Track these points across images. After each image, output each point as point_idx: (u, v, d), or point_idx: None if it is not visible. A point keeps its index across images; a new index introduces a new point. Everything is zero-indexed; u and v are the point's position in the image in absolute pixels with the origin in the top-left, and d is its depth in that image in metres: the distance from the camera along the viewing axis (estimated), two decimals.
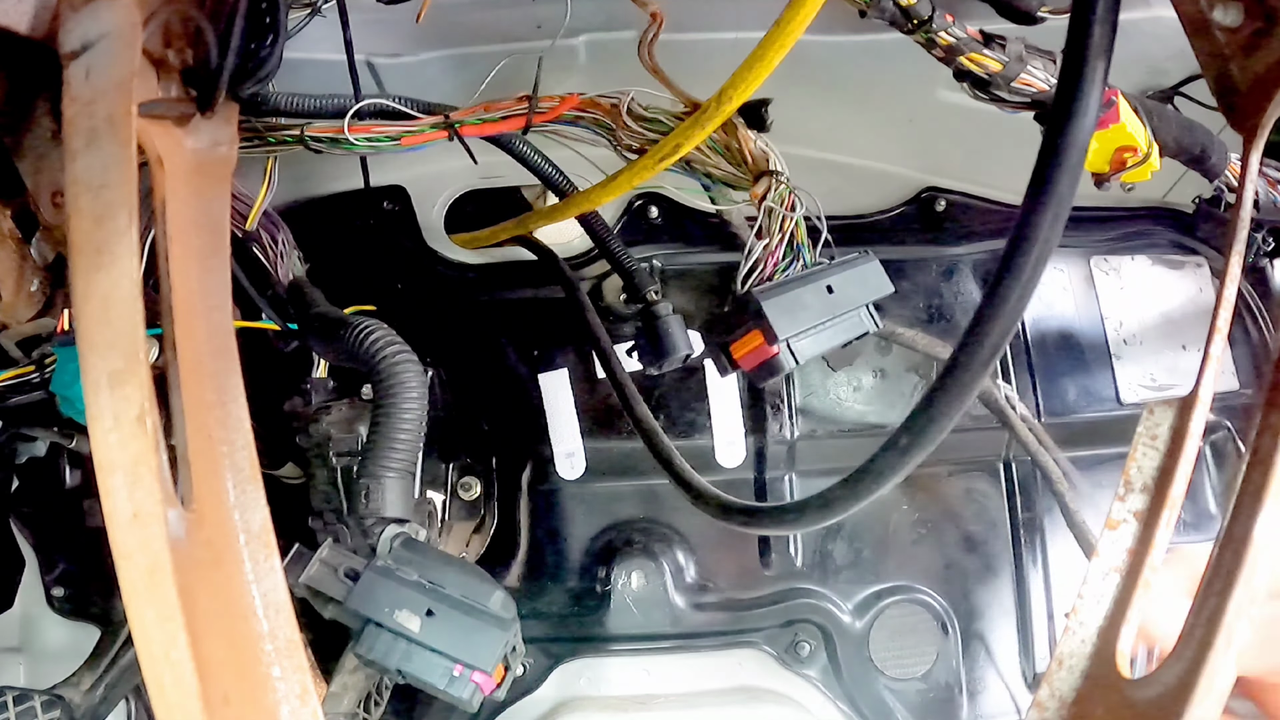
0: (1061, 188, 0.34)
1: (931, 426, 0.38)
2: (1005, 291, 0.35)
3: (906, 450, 0.39)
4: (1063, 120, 0.34)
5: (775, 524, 0.55)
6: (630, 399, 0.74)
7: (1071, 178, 0.34)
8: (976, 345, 0.36)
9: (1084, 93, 0.34)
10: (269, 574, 0.42)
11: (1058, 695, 0.36)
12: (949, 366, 0.37)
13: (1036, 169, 0.35)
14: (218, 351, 0.48)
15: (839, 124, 0.89)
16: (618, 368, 0.77)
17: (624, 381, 0.75)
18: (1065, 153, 0.34)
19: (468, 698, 0.64)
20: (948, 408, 0.37)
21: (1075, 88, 0.34)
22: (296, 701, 0.39)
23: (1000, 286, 0.35)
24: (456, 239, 0.99)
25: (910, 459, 0.40)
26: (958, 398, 0.37)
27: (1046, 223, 0.34)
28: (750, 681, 0.96)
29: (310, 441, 0.83)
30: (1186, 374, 1.06)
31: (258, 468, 0.45)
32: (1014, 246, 0.35)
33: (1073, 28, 0.35)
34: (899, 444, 0.40)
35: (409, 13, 0.65)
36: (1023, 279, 0.35)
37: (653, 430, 0.70)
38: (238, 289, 0.76)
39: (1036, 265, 0.35)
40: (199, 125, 0.55)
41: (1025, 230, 0.34)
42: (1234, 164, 0.69)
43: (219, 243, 0.52)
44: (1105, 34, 0.34)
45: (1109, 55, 0.35)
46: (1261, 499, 0.32)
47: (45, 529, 0.97)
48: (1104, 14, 0.34)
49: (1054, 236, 0.34)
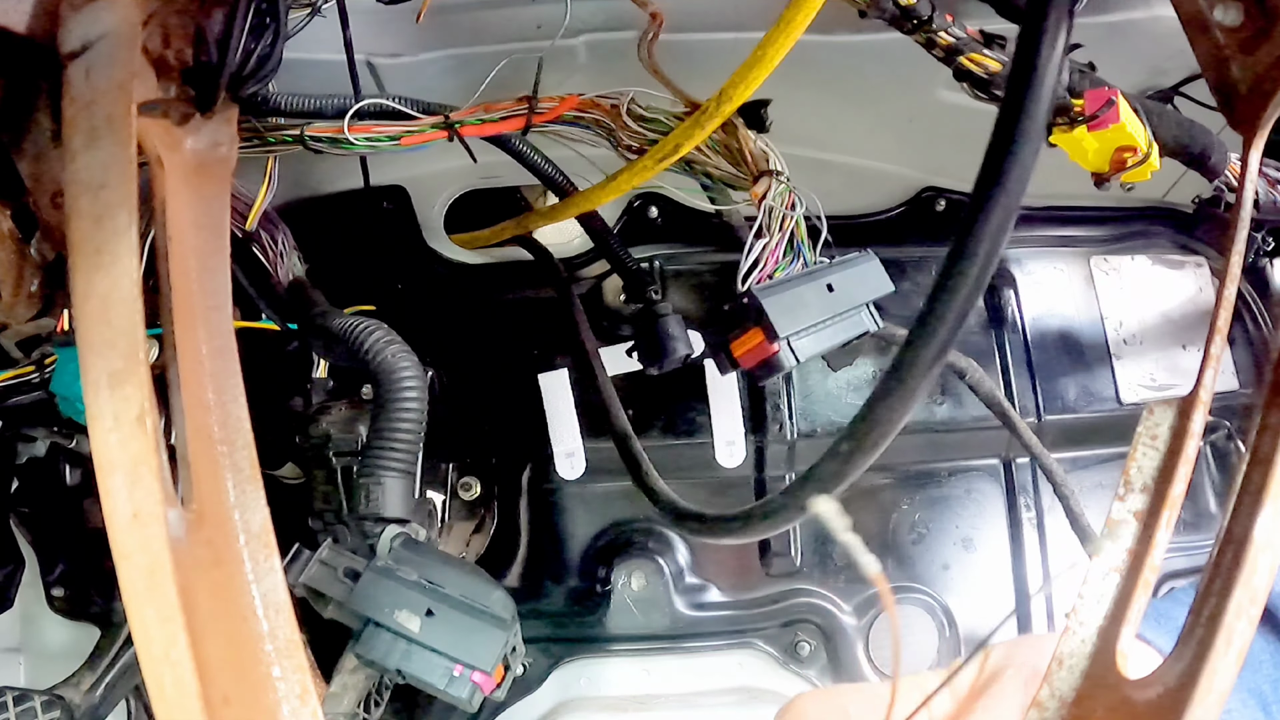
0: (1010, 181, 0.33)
1: (874, 432, 0.37)
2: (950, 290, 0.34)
3: (849, 457, 0.38)
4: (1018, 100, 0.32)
5: (722, 533, 0.54)
6: (609, 404, 0.75)
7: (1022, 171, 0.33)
8: (919, 349, 0.34)
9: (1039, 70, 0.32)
10: (269, 574, 0.42)
11: (1058, 695, 0.36)
12: (891, 369, 0.35)
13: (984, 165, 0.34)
14: (218, 351, 0.48)
15: (839, 124, 0.89)
16: (600, 374, 0.78)
17: (604, 387, 0.77)
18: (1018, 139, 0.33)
19: (467, 698, 0.64)
20: (891, 412, 0.36)
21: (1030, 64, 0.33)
22: (296, 701, 0.39)
23: (945, 284, 0.34)
24: (456, 239, 0.99)
25: (853, 466, 0.38)
26: (901, 402, 0.35)
27: (996, 215, 0.33)
28: (750, 682, 0.96)
29: (310, 441, 0.83)
30: (1186, 374, 1.06)
31: (258, 468, 0.45)
32: (962, 238, 0.34)
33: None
34: (840, 451, 0.38)
35: (409, 13, 0.65)
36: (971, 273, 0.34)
37: (626, 435, 0.71)
38: (238, 289, 0.76)
39: (988, 259, 0.33)
40: (199, 125, 0.55)
41: (975, 216, 0.33)
42: (1234, 164, 0.69)
43: (219, 243, 0.52)
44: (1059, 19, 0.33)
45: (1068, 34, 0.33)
46: (1261, 499, 0.32)
47: (45, 529, 0.97)
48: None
49: (1004, 231, 0.33)
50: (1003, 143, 0.33)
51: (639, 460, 0.69)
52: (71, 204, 0.40)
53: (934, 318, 0.34)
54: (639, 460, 0.69)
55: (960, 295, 0.34)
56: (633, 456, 0.70)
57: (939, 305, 0.34)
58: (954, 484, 1.02)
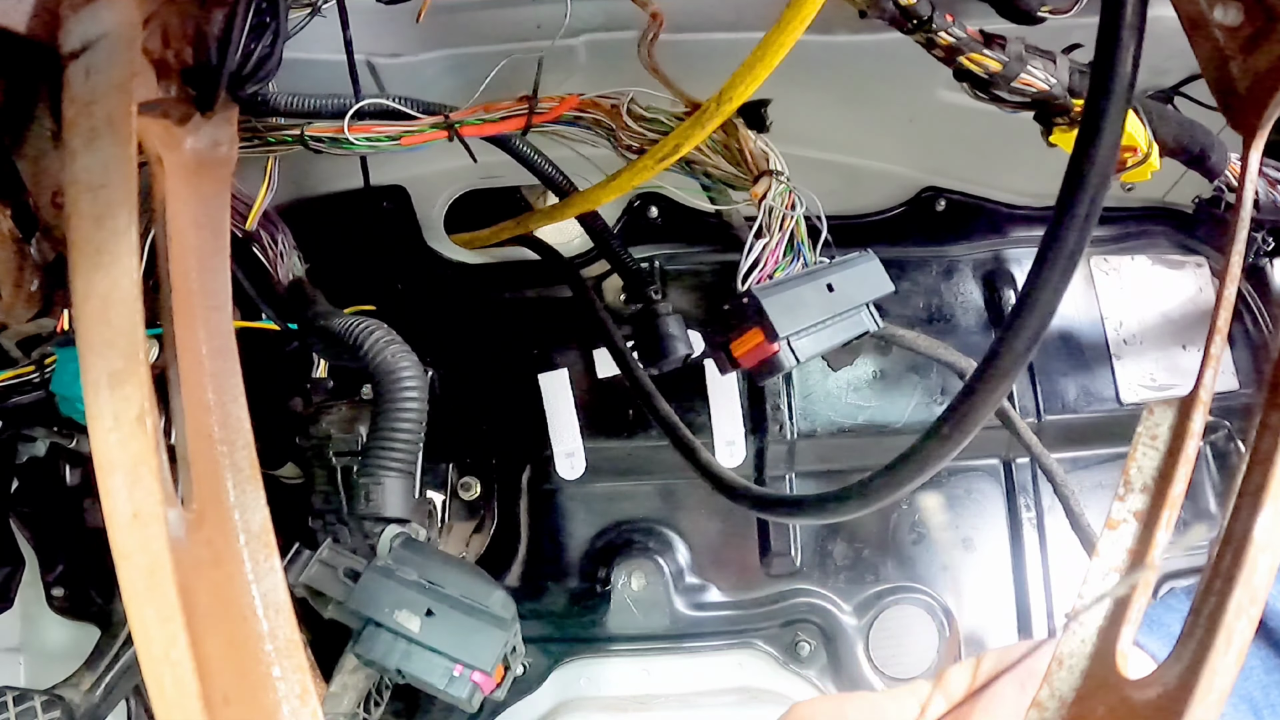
0: (1096, 177, 0.37)
1: (973, 414, 0.40)
2: (1046, 278, 0.37)
3: (949, 438, 0.41)
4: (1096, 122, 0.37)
5: (818, 513, 0.55)
6: (649, 395, 0.74)
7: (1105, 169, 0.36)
8: (1018, 332, 0.38)
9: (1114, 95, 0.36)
10: (269, 574, 0.42)
11: (1058, 695, 0.36)
12: (991, 353, 0.39)
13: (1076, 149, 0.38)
14: (218, 351, 0.48)
15: (839, 124, 0.89)
16: (633, 364, 0.77)
17: (640, 377, 0.75)
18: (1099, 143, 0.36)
19: (467, 697, 0.64)
20: (988, 394, 0.39)
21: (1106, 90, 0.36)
22: (296, 701, 0.39)
23: (1040, 274, 0.37)
24: (456, 239, 0.99)
25: (953, 446, 0.41)
26: (998, 384, 0.39)
27: (1083, 210, 0.37)
28: (750, 682, 0.96)
29: (310, 441, 0.83)
30: (1186, 374, 1.06)
31: (258, 468, 0.45)
32: (1050, 241, 0.37)
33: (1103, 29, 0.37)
34: (941, 432, 0.41)
35: (409, 13, 0.65)
36: (1059, 268, 0.37)
37: (674, 425, 0.70)
38: (238, 289, 0.76)
39: (1072, 256, 0.37)
40: (199, 125, 0.54)
41: (1064, 219, 0.37)
42: (1234, 164, 0.69)
43: (219, 243, 0.52)
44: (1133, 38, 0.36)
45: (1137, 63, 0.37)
46: (1261, 499, 0.32)
47: (45, 529, 0.97)
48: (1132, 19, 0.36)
49: (1089, 226, 0.37)
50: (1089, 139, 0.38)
51: (694, 448, 0.69)
52: (71, 204, 0.40)
53: (1032, 301, 0.38)
54: (694, 448, 0.69)
55: (1054, 279, 0.38)
56: (686, 444, 0.69)
57: (1038, 287, 0.38)
58: (954, 484, 1.02)
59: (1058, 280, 0.38)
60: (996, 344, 0.39)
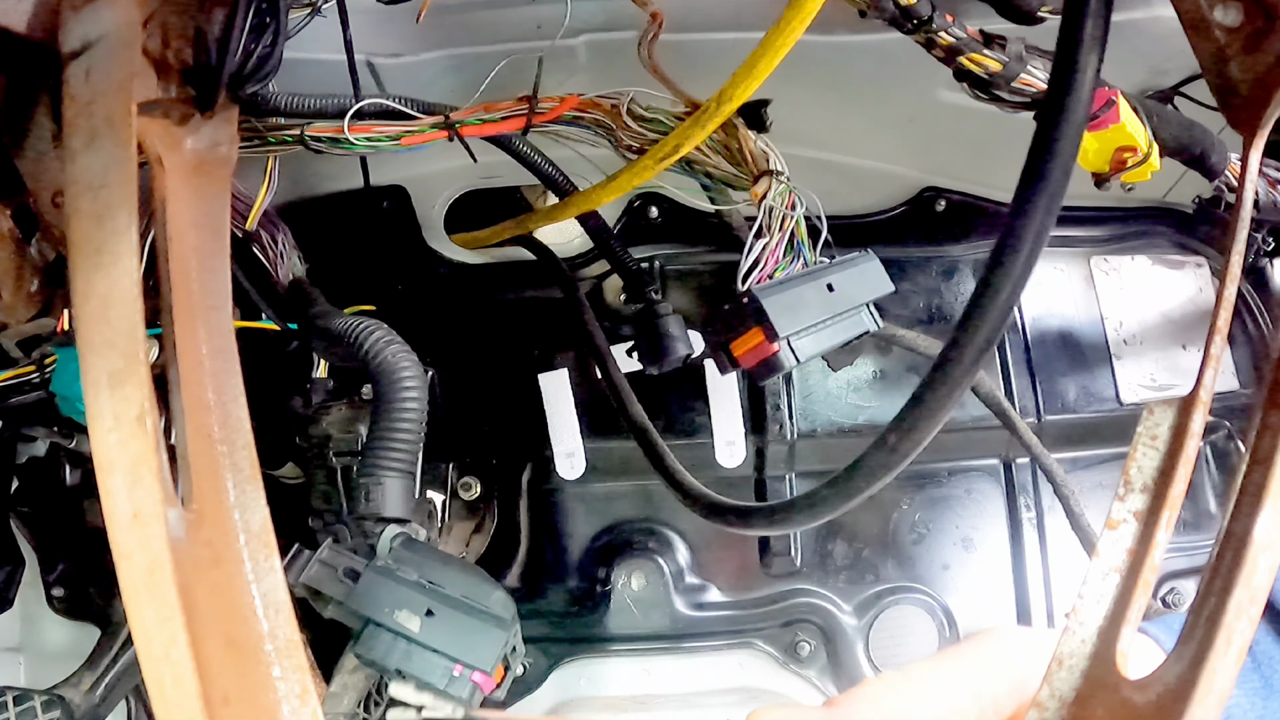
0: (1053, 181, 0.34)
1: (922, 423, 0.38)
2: (997, 284, 0.35)
3: (895, 448, 0.39)
4: (1055, 112, 0.34)
5: (765, 524, 0.54)
6: (625, 400, 0.74)
7: (1064, 169, 0.34)
8: (967, 340, 0.36)
9: (1077, 83, 0.34)
10: (269, 574, 0.42)
11: (1058, 695, 0.36)
12: (939, 362, 0.37)
13: (1028, 162, 0.34)
14: (218, 351, 0.48)
15: (839, 124, 0.89)
16: (613, 369, 0.77)
17: (619, 383, 0.75)
18: (1058, 144, 0.34)
19: (467, 698, 0.64)
20: (938, 405, 0.37)
21: (1068, 78, 0.34)
22: (296, 701, 0.39)
23: (991, 279, 0.35)
24: (456, 239, 0.99)
25: (900, 457, 0.39)
26: (948, 394, 0.37)
27: (1039, 214, 0.34)
28: (750, 682, 0.96)
29: (310, 441, 0.83)
30: (1186, 374, 1.06)
31: (258, 468, 0.45)
32: (1005, 240, 0.35)
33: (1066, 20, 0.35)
34: (888, 443, 0.39)
35: (409, 13, 0.65)
36: (1014, 273, 0.35)
37: (645, 429, 0.70)
38: (238, 289, 0.76)
39: (1029, 258, 0.34)
40: (199, 125, 0.54)
41: (1017, 221, 0.34)
42: (1234, 164, 0.69)
43: (219, 243, 0.52)
44: (1098, 26, 0.34)
45: (1102, 46, 0.34)
46: (1261, 499, 0.32)
47: (45, 529, 0.97)
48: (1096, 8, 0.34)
49: (1046, 229, 0.34)
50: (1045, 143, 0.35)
51: (662, 453, 0.68)
52: (71, 204, 0.40)
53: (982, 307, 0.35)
54: (662, 453, 0.68)
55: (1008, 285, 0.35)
56: (654, 449, 0.69)
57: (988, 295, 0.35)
58: (954, 484, 1.02)
59: (1010, 288, 0.35)
60: (945, 352, 0.37)
